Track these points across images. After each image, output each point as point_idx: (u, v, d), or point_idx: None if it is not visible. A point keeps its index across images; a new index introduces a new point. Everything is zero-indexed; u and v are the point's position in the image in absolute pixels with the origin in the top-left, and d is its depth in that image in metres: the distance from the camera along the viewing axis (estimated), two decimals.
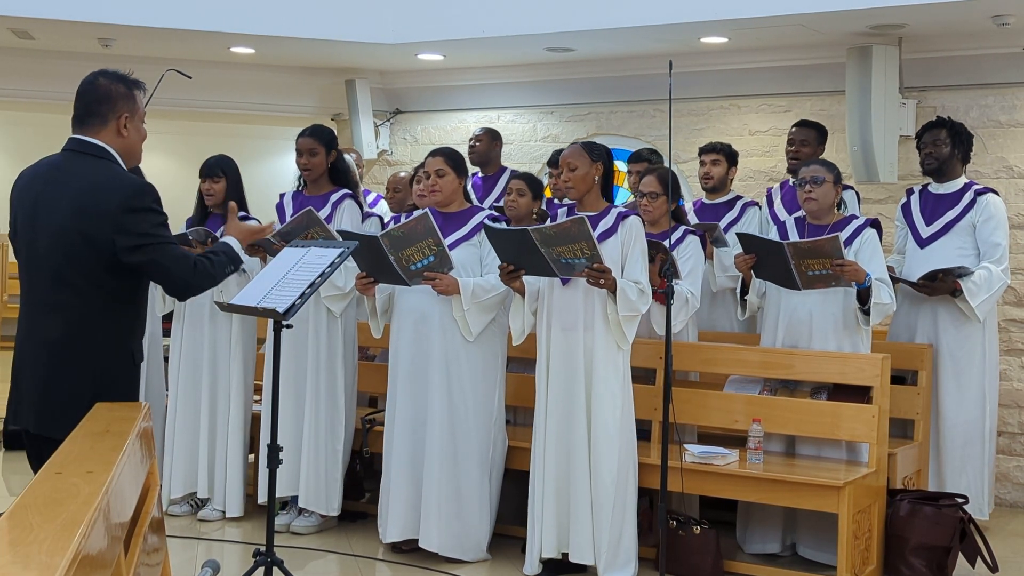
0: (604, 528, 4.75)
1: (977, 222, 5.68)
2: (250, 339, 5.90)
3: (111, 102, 3.58)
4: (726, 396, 5.28)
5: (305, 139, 5.69)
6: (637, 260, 4.81)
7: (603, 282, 4.66)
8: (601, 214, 4.89)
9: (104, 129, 3.59)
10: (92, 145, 3.57)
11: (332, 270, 4.15)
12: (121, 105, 3.59)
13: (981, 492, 5.72)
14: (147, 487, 2.85)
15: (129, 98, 3.62)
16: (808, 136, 6.18)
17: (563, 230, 4.55)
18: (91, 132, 3.59)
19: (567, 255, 4.63)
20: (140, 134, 3.68)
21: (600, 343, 4.79)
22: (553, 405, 4.86)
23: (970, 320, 5.64)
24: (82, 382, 3.42)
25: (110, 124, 3.58)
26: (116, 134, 3.59)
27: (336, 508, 5.63)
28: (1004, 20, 6.09)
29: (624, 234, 4.82)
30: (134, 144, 3.65)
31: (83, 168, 3.53)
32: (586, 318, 4.81)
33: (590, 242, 4.56)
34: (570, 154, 4.92)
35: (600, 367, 4.78)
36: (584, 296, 4.81)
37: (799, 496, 4.77)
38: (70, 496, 1.99)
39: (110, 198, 3.44)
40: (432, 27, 7.31)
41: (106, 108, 3.58)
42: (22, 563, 1.58)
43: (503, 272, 4.83)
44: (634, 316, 4.77)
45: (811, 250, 4.90)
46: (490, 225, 4.86)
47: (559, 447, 4.85)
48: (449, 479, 5.10)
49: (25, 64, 7.92)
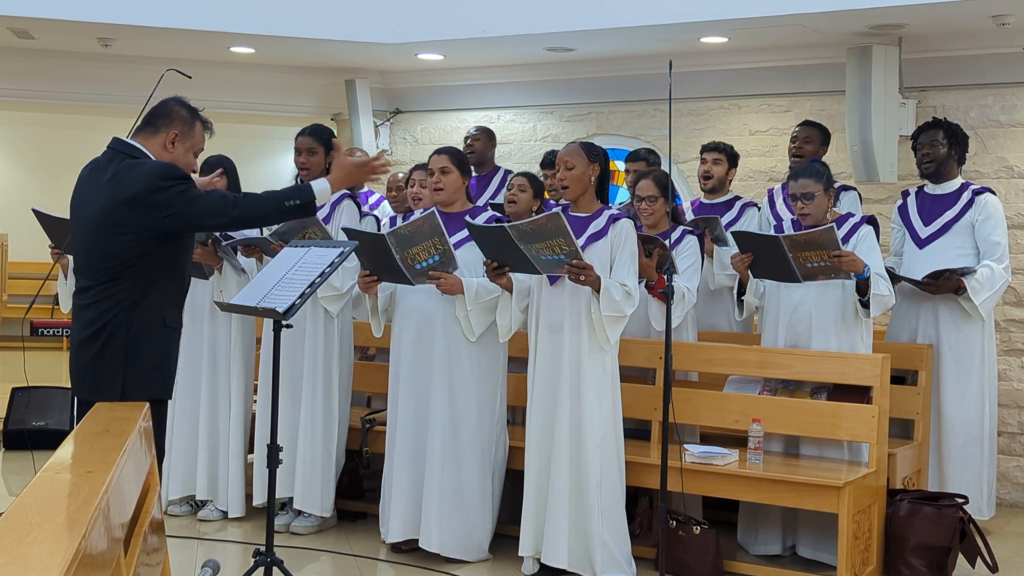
0: (594, 531, 4.73)
1: (976, 221, 5.68)
2: (250, 339, 5.90)
3: (168, 117, 3.89)
4: (726, 396, 5.28)
5: (304, 138, 5.69)
6: (626, 263, 4.78)
7: (583, 278, 4.63)
8: (593, 215, 4.89)
9: (153, 138, 3.88)
10: (131, 146, 3.85)
11: (332, 270, 4.15)
12: (177, 124, 3.89)
13: (982, 492, 5.72)
14: (147, 487, 2.84)
15: (187, 123, 3.92)
16: (811, 135, 6.19)
17: (539, 226, 4.53)
18: (140, 138, 3.87)
19: (546, 252, 4.60)
20: (187, 160, 3.94)
21: (586, 344, 4.77)
22: (538, 405, 4.86)
23: (971, 319, 5.64)
24: (114, 348, 3.77)
25: (159, 136, 3.88)
26: (162, 147, 3.86)
27: (328, 509, 5.63)
28: (1004, 20, 6.09)
29: (614, 236, 4.81)
30: (177, 164, 3.87)
31: (115, 163, 3.81)
32: (572, 318, 4.79)
33: (567, 238, 4.53)
34: (568, 153, 4.90)
35: (586, 368, 4.76)
36: (571, 296, 4.79)
37: (799, 496, 4.77)
38: (70, 496, 1.99)
39: (137, 183, 3.71)
40: (432, 27, 7.31)
41: (162, 121, 3.89)
42: (21, 563, 1.57)
43: (488, 269, 4.83)
44: (618, 317, 4.73)
45: (807, 242, 4.89)
46: (470, 222, 4.85)
47: (540, 448, 4.84)
48: (451, 479, 5.10)
49: (25, 64, 7.92)
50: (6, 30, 7.30)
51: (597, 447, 4.74)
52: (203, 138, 3.99)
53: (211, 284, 5.77)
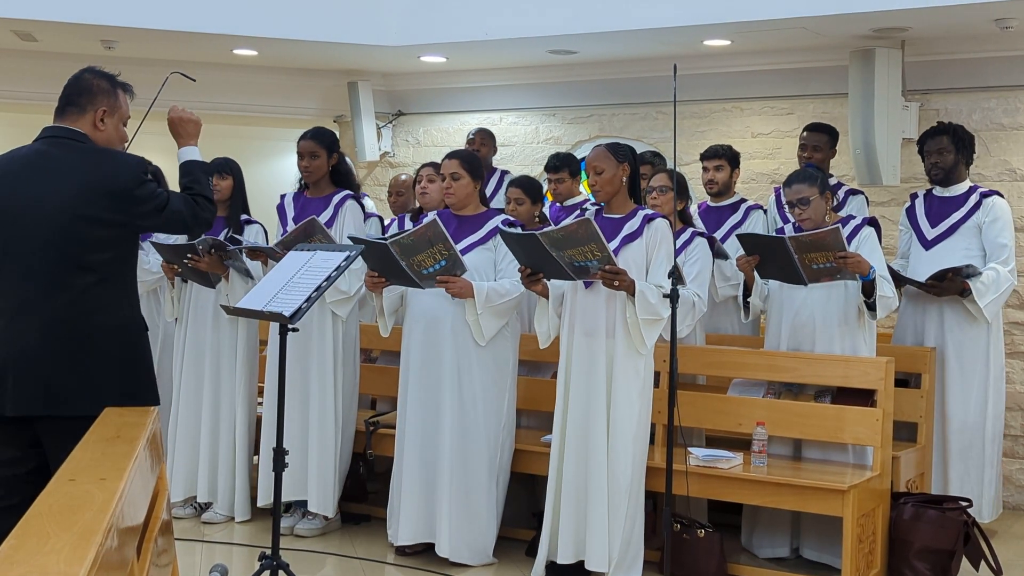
0: (617, 533, 4.73)
1: (983, 224, 5.68)
2: (254, 342, 5.90)
3: (91, 94, 3.60)
4: (730, 399, 5.28)
5: (306, 142, 5.68)
6: (662, 263, 4.73)
7: (617, 284, 4.61)
8: (627, 216, 4.84)
9: (81, 118, 3.59)
10: (70, 131, 3.57)
11: (338, 274, 4.15)
12: (101, 99, 3.60)
13: (984, 495, 5.72)
14: (157, 491, 2.85)
15: (110, 94, 3.63)
16: (820, 141, 6.16)
17: (570, 233, 4.51)
18: (69, 121, 3.59)
19: (579, 258, 4.58)
20: (119, 134, 3.67)
21: (621, 349, 4.73)
22: (573, 410, 4.83)
23: (977, 322, 5.64)
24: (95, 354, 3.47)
25: (87, 115, 3.60)
26: (92, 126, 3.59)
27: (332, 510, 5.63)
28: (1007, 23, 6.10)
29: (650, 236, 4.77)
30: (111, 141, 3.64)
31: (70, 154, 3.53)
32: (608, 323, 4.76)
33: (599, 243, 4.50)
34: (595, 157, 4.85)
35: (620, 373, 4.73)
36: (606, 301, 4.76)
37: (803, 499, 4.78)
38: (85, 504, 2.00)
39: (116, 177, 3.50)
40: (434, 29, 7.31)
41: (85, 99, 3.60)
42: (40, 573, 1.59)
43: (523, 276, 4.80)
44: (655, 320, 4.68)
45: (813, 243, 4.89)
46: (504, 230, 4.83)
47: (578, 453, 4.81)
48: (459, 483, 5.09)
49: (28, 66, 7.91)
50: (9, 32, 7.30)
51: (630, 452, 4.73)
52: (128, 105, 3.70)
53: (216, 288, 5.77)
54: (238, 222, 5.85)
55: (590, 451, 4.77)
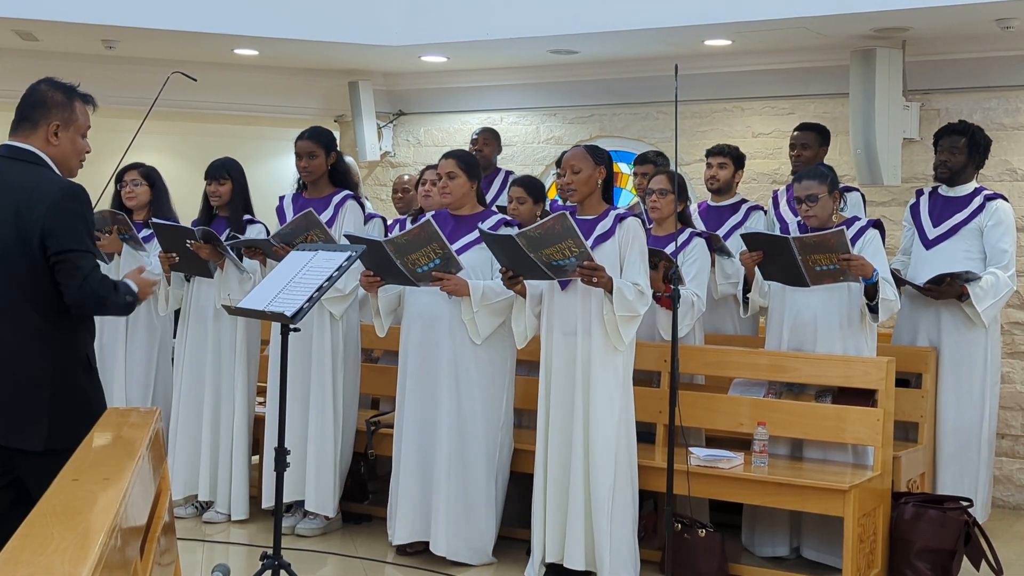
0: (604, 533, 4.73)
1: (985, 227, 5.66)
2: (254, 341, 5.90)
3: (44, 108, 3.49)
4: (731, 399, 5.28)
5: (304, 142, 5.67)
6: (636, 261, 4.78)
7: (596, 280, 4.63)
8: (599, 216, 4.89)
9: (34, 134, 3.48)
10: (24, 151, 3.46)
11: (340, 274, 4.16)
12: (55, 113, 3.48)
13: (976, 497, 5.71)
14: (159, 491, 2.85)
15: (65, 107, 3.51)
16: (808, 139, 6.17)
17: (547, 230, 4.53)
18: (21, 138, 3.48)
19: (556, 256, 4.60)
20: (75, 146, 3.53)
21: (598, 347, 4.76)
22: (553, 410, 4.86)
23: (974, 324, 5.64)
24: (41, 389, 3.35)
25: (40, 130, 3.48)
26: (45, 142, 3.48)
27: (332, 510, 5.63)
28: (1008, 23, 6.10)
29: (622, 236, 4.80)
30: (67, 155, 3.52)
31: (15, 174, 3.42)
32: (584, 322, 4.79)
33: (576, 239, 4.52)
34: (573, 156, 4.91)
35: (597, 371, 4.76)
36: (582, 300, 4.79)
37: (804, 499, 4.78)
38: (88, 504, 2.00)
39: (41, 201, 3.34)
40: (435, 29, 7.32)
41: (38, 114, 3.49)
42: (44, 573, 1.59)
43: (504, 278, 4.83)
44: (632, 317, 4.73)
45: (817, 245, 4.88)
46: (484, 230, 4.86)
47: (560, 452, 4.84)
48: (457, 482, 5.10)
49: (28, 66, 7.90)
50: (10, 32, 7.30)
51: (611, 449, 4.74)
52: (87, 116, 3.57)
53: (215, 286, 5.77)
54: (239, 222, 5.85)
55: (570, 450, 4.80)
